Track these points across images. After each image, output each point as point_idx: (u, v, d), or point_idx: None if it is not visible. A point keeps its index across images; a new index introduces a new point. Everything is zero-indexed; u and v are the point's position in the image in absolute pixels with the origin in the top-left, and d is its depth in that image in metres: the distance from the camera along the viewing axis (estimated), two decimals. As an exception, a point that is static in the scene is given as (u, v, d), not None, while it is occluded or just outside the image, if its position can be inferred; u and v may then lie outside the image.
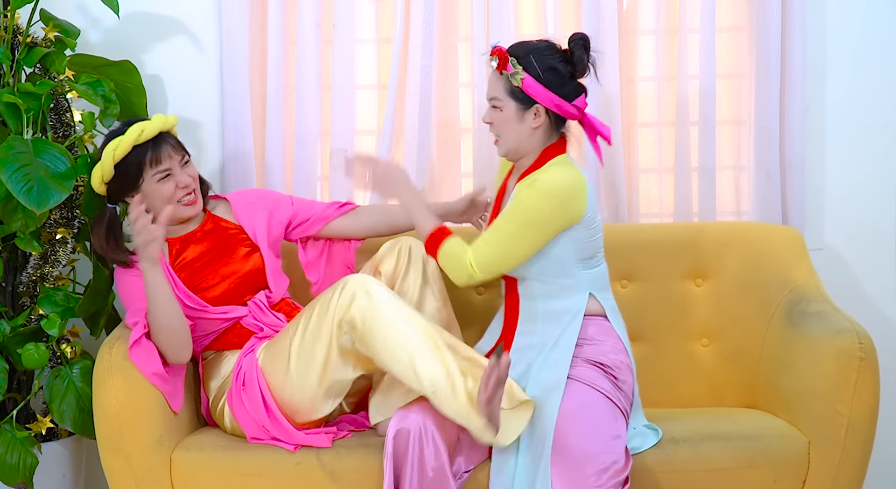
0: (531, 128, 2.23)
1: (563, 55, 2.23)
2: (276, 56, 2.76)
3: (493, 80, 2.25)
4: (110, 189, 2.37)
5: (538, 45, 2.24)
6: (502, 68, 2.22)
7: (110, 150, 2.31)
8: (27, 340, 2.45)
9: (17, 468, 2.40)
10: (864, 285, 2.77)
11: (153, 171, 2.33)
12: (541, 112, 2.22)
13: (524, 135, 2.24)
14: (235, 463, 2.23)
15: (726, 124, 2.81)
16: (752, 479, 2.17)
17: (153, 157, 2.32)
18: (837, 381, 2.17)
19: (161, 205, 2.33)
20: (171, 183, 2.34)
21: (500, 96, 2.24)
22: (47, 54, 2.53)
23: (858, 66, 2.77)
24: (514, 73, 2.20)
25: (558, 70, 2.21)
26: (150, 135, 2.33)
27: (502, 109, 2.24)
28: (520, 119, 2.23)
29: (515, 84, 2.20)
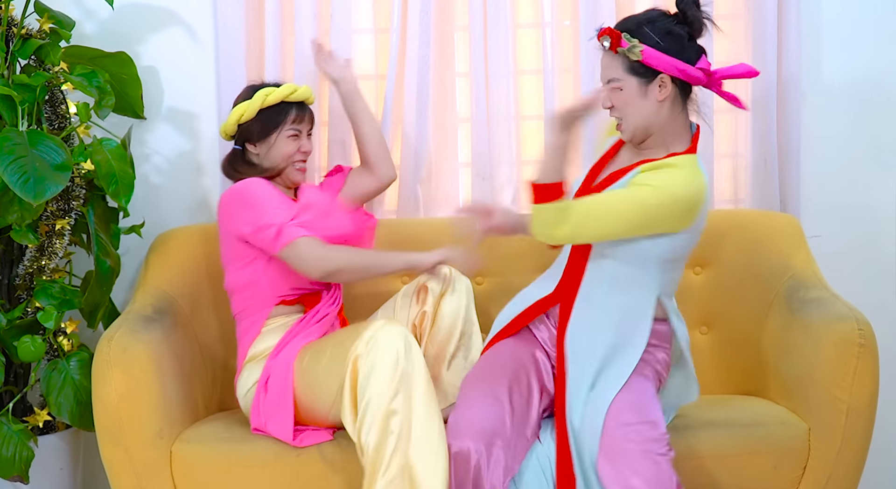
0: (657, 101, 2.12)
1: (676, 18, 2.12)
2: (272, 46, 2.75)
3: (607, 61, 2.14)
4: (242, 130, 2.45)
5: (648, 14, 2.14)
6: (616, 46, 2.10)
7: (262, 94, 2.43)
8: (24, 333, 2.44)
9: (13, 461, 2.39)
10: (863, 272, 2.78)
11: (289, 126, 2.43)
12: (666, 81, 2.11)
13: (650, 110, 2.13)
14: (236, 455, 2.22)
15: (723, 112, 2.81)
16: (752, 466, 2.18)
17: (297, 116, 2.45)
18: (837, 368, 2.17)
19: (279, 160, 2.43)
20: (296, 144, 2.45)
21: (618, 76, 2.12)
22: (42, 46, 2.52)
23: (854, 53, 2.78)
24: (631, 47, 2.08)
25: (676, 33, 2.10)
26: (299, 97, 2.46)
27: (623, 89, 2.12)
28: (643, 94, 2.12)
29: (635, 58, 2.09)
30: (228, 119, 2.47)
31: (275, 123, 2.43)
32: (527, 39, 2.82)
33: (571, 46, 2.78)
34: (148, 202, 2.77)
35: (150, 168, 2.82)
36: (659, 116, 2.14)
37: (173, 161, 2.82)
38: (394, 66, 2.73)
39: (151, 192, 2.80)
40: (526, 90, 2.83)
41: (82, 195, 2.52)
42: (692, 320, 2.61)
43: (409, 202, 2.79)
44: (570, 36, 2.78)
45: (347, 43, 2.77)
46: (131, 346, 2.25)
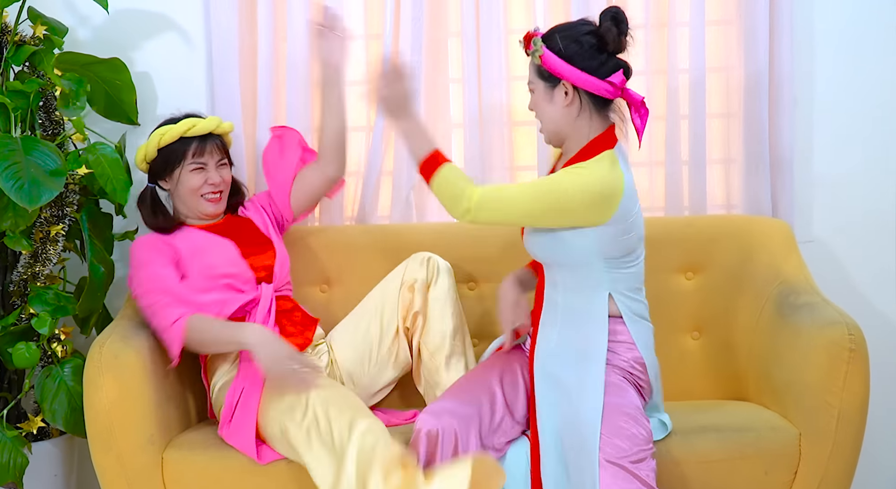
0: (563, 107, 2.14)
1: (592, 28, 2.13)
2: (265, 52, 2.76)
3: (529, 64, 2.20)
4: (151, 169, 2.49)
5: (571, 22, 2.18)
6: (526, 49, 2.16)
7: (158, 135, 2.45)
8: (18, 339, 2.45)
9: (7, 468, 2.40)
10: (854, 277, 2.78)
11: (190, 161, 2.44)
12: (569, 88, 2.13)
13: (557, 115, 2.15)
14: (226, 461, 2.22)
15: (716, 117, 2.81)
16: (743, 471, 2.18)
17: (196, 150, 2.45)
18: (828, 373, 2.17)
19: (187, 194, 2.46)
20: (202, 177, 2.46)
21: (531, 78, 2.19)
22: (35, 52, 2.53)
23: (846, 58, 2.78)
24: (533, 51, 2.13)
25: (581, 42, 2.11)
26: (199, 132, 2.46)
27: (534, 91, 2.18)
28: (549, 98, 2.16)
29: (535, 61, 2.14)
30: (136, 161, 2.51)
31: (175, 160, 2.45)
32: (519, 45, 2.82)
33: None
34: (142, 208, 2.78)
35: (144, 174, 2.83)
36: (567, 120, 2.16)
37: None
38: (386, 73, 2.73)
39: (145, 197, 2.80)
40: (518, 96, 2.83)
41: (76, 201, 2.53)
42: (683, 325, 2.62)
43: (402, 208, 2.80)
44: (562, 41, 2.78)
45: (340, 49, 2.77)
46: (123, 353, 2.25)
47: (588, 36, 2.12)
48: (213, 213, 2.49)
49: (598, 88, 2.12)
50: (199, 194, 2.46)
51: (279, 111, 2.81)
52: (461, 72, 2.79)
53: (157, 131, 2.46)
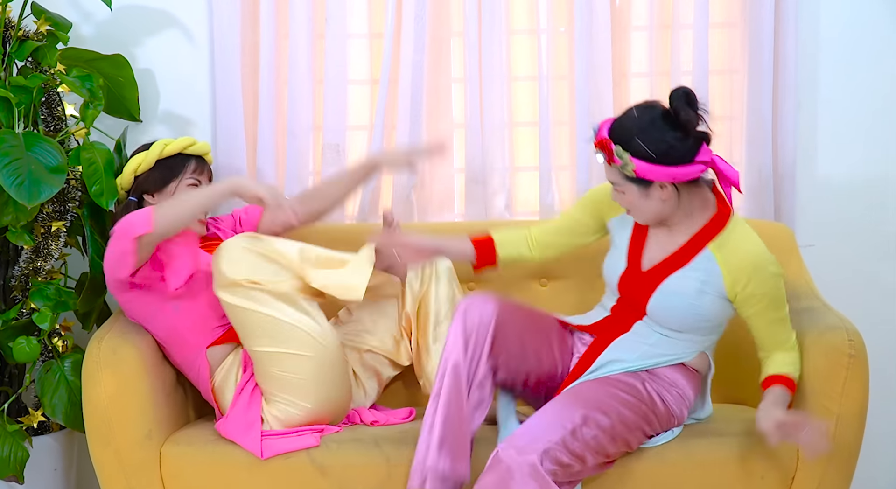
0: (661, 201, 2.11)
1: (668, 121, 2.05)
2: (267, 50, 2.76)
3: (607, 167, 2.11)
4: (140, 182, 2.44)
5: (639, 121, 2.05)
6: (610, 162, 2.08)
7: (160, 144, 2.43)
8: (19, 334, 2.45)
9: (7, 461, 2.41)
10: (855, 282, 2.77)
11: (191, 175, 2.43)
12: (666, 185, 2.08)
13: (657, 208, 2.12)
14: (225, 457, 2.22)
15: (718, 121, 2.79)
16: (739, 475, 2.17)
17: (197, 167, 2.45)
18: (827, 378, 2.16)
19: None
20: None
21: (618, 182, 2.11)
22: (39, 48, 2.53)
23: (851, 62, 2.77)
24: (623, 165, 2.05)
25: (668, 141, 2.03)
26: (197, 151, 2.48)
27: (625, 193, 2.11)
28: (645, 197, 2.10)
29: (628, 174, 2.06)
30: (124, 170, 2.44)
31: (174, 173, 2.42)
32: (521, 46, 2.83)
33: (566, 53, 2.78)
34: (143, 204, 2.78)
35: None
36: (668, 208, 2.14)
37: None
38: (387, 71, 2.74)
39: (147, 194, 2.81)
40: (520, 96, 2.83)
41: (78, 197, 2.54)
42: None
43: (403, 207, 2.80)
44: (566, 43, 2.78)
45: (342, 47, 2.77)
46: (121, 348, 2.26)
47: (671, 131, 2.04)
48: (199, 233, 2.45)
49: (692, 174, 2.08)
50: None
51: (281, 109, 2.81)
52: (463, 71, 2.79)
53: (159, 142, 2.44)
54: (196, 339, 2.34)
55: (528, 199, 2.87)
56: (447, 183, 2.83)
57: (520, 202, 2.86)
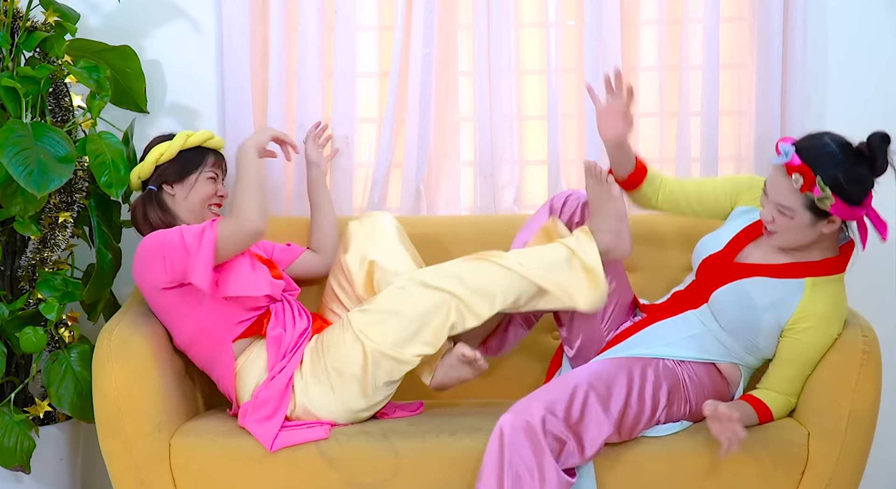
0: (822, 232, 2.15)
1: (863, 160, 2.08)
2: (276, 42, 2.75)
3: (788, 190, 2.10)
4: (160, 172, 2.45)
5: (840, 155, 2.07)
6: (807, 190, 2.08)
7: (184, 135, 2.47)
8: (25, 324, 2.45)
9: (14, 451, 2.40)
10: (868, 278, 2.76)
11: (210, 168, 2.47)
12: (836, 220, 2.13)
13: (812, 238, 2.17)
14: (234, 449, 2.22)
15: (728, 115, 2.81)
16: (750, 469, 2.17)
17: (216, 160, 2.50)
18: (840, 374, 2.17)
19: (197, 201, 2.45)
20: (214, 187, 2.48)
21: (793, 206, 2.11)
22: (47, 39, 2.52)
23: (859, 56, 2.77)
24: (822, 198, 2.07)
25: (864, 182, 2.08)
26: (215, 146, 2.52)
27: (793, 218, 2.13)
28: (812, 226, 2.14)
29: (823, 207, 2.08)
30: (145, 160, 2.47)
31: (196, 164, 2.46)
32: (530, 39, 2.82)
33: (575, 47, 2.78)
34: (151, 196, 2.77)
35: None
36: (816, 239, 2.19)
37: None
38: (397, 64, 2.73)
39: (154, 185, 2.80)
40: (529, 90, 2.83)
41: (85, 188, 2.53)
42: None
43: (412, 200, 2.80)
44: (574, 36, 2.78)
45: (351, 40, 2.77)
46: (131, 339, 2.26)
47: (867, 172, 2.08)
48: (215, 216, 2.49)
49: (859, 218, 2.14)
50: (208, 204, 2.47)
51: (290, 102, 2.81)
52: (471, 65, 2.79)
53: (182, 133, 2.48)
54: (222, 334, 2.33)
55: (536, 192, 2.86)
56: (455, 176, 2.83)
57: (528, 196, 2.86)
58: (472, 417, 2.32)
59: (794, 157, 2.10)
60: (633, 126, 2.33)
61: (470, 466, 2.18)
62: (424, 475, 2.19)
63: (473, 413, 2.39)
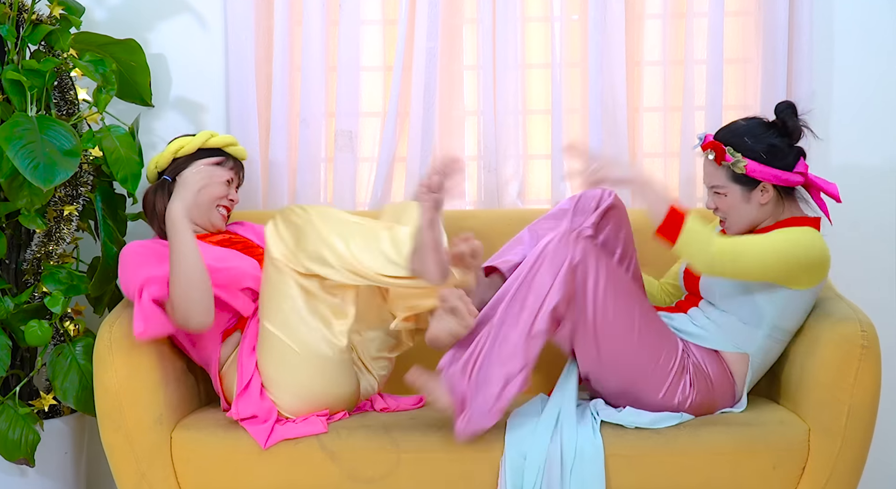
0: (759, 205, 2.26)
1: (775, 128, 2.24)
2: (281, 36, 2.75)
3: (711, 169, 2.27)
4: (176, 163, 2.47)
5: (747, 125, 2.26)
6: (720, 159, 2.23)
7: (205, 135, 2.49)
8: (30, 317, 2.46)
9: (18, 444, 2.42)
10: (868, 272, 2.76)
11: (226, 171, 2.47)
12: (768, 187, 2.24)
13: (754, 213, 2.27)
14: (235, 442, 2.23)
15: (732, 109, 2.79)
16: (751, 465, 2.17)
17: (234, 164, 2.51)
18: (839, 369, 2.16)
19: (207, 200, 2.45)
20: (225, 189, 2.48)
21: (721, 183, 2.26)
22: (52, 32, 2.53)
23: (865, 51, 2.76)
24: (735, 162, 2.22)
25: (777, 145, 2.23)
26: (235, 153, 2.52)
27: (727, 195, 2.26)
28: (747, 200, 2.26)
29: (739, 171, 2.22)
30: (164, 151, 2.48)
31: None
32: (535, 33, 2.82)
33: (580, 41, 2.77)
34: (155, 189, 2.78)
35: (157, 156, 2.84)
36: (762, 214, 2.28)
37: (180, 149, 2.83)
38: (401, 58, 2.73)
39: (159, 179, 2.81)
40: (533, 84, 2.82)
41: (90, 181, 2.54)
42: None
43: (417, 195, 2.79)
44: (579, 30, 2.77)
45: (355, 33, 2.77)
46: (133, 333, 2.26)
47: (779, 138, 2.23)
48: (220, 227, 2.51)
49: (791, 181, 2.24)
50: (217, 204, 2.47)
51: (294, 95, 2.81)
52: (476, 59, 2.78)
53: (202, 133, 2.49)
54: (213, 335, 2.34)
55: (540, 187, 2.86)
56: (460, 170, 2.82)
57: (532, 190, 2.85)
58: (473, 412, 2.33)
59: (706, 137, 2.28)
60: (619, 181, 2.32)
61: (471, 460, 2.18)
62: (425, 469, 2.19)
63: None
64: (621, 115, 2.74)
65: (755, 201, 2.26)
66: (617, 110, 2.74)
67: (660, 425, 2.20)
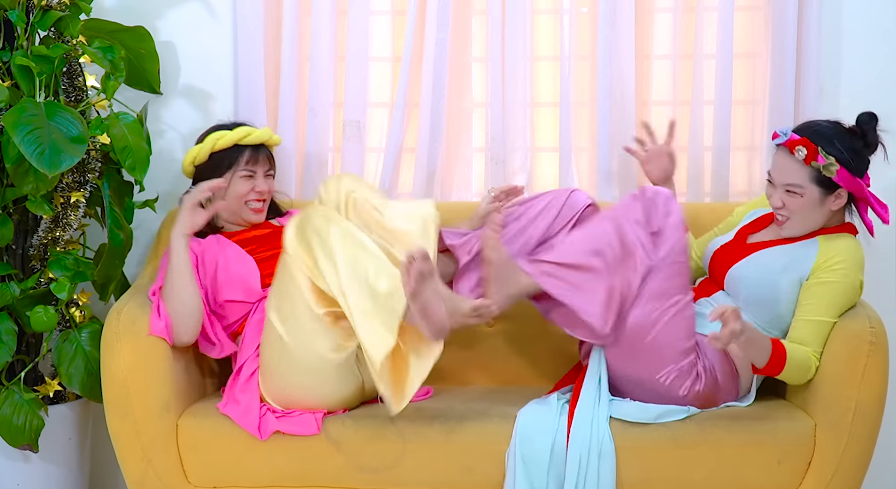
0: (831, 209, 2.26)
1: (856, 135, 2.24)
2: (290, 26, 2.75)
3: (794, 168, 2.23)
4: (199, 171, 2.49)
5: (835, 129, 2.24)
6: (811, 160, 2.21)
7: (213, 139, 2.46)
8: (36, 303, 2.46)
9: (23, 430, 2.42)
10: (877, 269, 2.75)
11: (242, 168, 2.46)
12: (843, 194, 2.24)
13: (823, 217, 2.26)
14: (241, 430, 2.23)
15: (741, 104, 2.79)
16: (756, 459, 2.17)
17: (249, 158, 2.47)
18: (847, 365, 2.16)
19: (233, 199, 2.46)
20: (250, 184, 2.47)
21: (801, 183, 2.23)
22: (61, 18, 2.52)
23: (874, 47, 2.75)
24: (827, 165, 2.20)
25: (862, 155, 2.23)
26: (253, 141, 2.49)
27: (803, 196, 2.23)
28: (822, 203, 2.24)
29: (829, 175, 2.20)
30: (184, 161, 2.51)
31: (226, 165, 2.46)
32: (544, 26, 2.81)
33: (589, 33, 2.77)
34: (162, 177, 2.78)
35: (164, 143, 2.83)
36: (825, 220, 2.28)
37: (188, 137, 2.83)
38: (410, 49, 2.73)
39: (166, 167, 2.81)
40: (542, 76, 2.82)
41: (98, 168, 2.54)
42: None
43: (424, 185, 2.79)
44: (588, 23, 2.77)
45: (364, 24, 2.76)
46: (140, 319, 2.27)
47: (863, 147, 2.24)
48: (255, 222, 2.50)
49: (864, 193, 2.25)
50: (245, 201, 2.47)
51: (303, 85, 2.81)
52: (485, 50, 2.78)
53: (212, 135, 2.47)
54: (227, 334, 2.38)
55: (547, 179, 2.86)
56: (467, 162, 2.83)
57: (539, 182, 2.85)
58: (480, 403, 2.33)
59: (792, 134, 2.24)
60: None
61: (476, 453, 2.19)
62: (430, 460, 2.20)
63: (482, 399, 2.39)
64: (630, 109, 2.73)
65: (827, 207, 2.25)
66: (626, 104, 2.73)
67: (666, 419, 2.20)
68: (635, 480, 2.17)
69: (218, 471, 2.25)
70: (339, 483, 2.22)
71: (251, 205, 2.48)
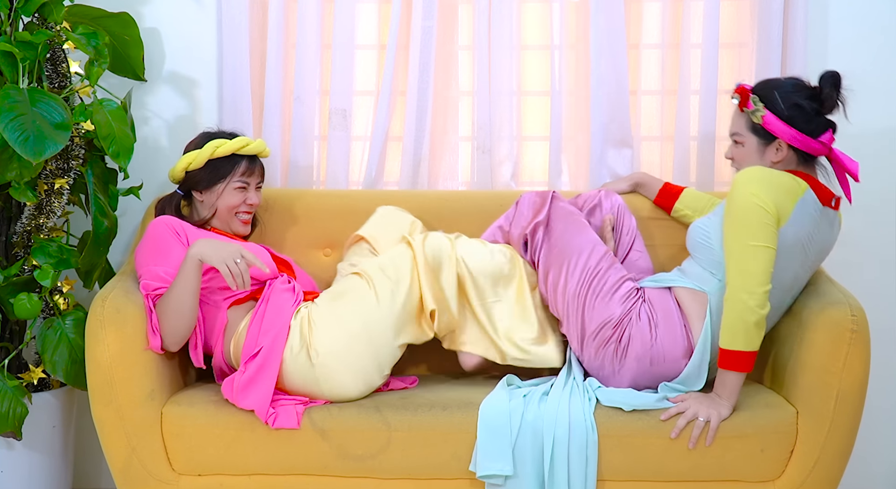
0: (771, 161, 2.27)
1: (810, 92, 2.25)
2: (276, 12, 2.74)
3: (736, 116, 2.31)
4: (189, 177, 2.47)
5: (783, 82, 2.27)
6: (743, 106, 2.27)
7: (213, 146, 2.45)
8: (20, 290, 2.45)
9: (6, 417, 2.41)
10: (858, 257, 2.78)
11: (238, 178, 2.45)
12: (783, 147, 2.26)
13: (765, 166, 2.26)
14: (226, 418, 2.23)
15: (727, 94, 2.80)
16: (739, 448, 2.18)
17: (247, 169, 2.47)
18: (828, 353, 2.17)
19: (224, 209, 2.46)
20: (242, 196, 2.48)
21: (741, 132, 2.30)
22: (45, 4, 2.50)
23: (860, 36, 2.76)
24: (754, 111, 2.25)
25: (803, 107, 2.23)
26: (251, 151, 2.49)
27: (744, 144, 2.30)
28: (761, 153, 2.28)
29: (756, 121, 2.25)
30: (177, 165, 2.48)
31: (222, 174, 2.46)
32: (532, 14, 2.81)
33: (579, 22, 2.76)
34: (146, 164, 2.77)
35: (149, 130, 2.82)
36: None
37: (173, 124, 2.82)
38: (395, 36, 2.72)
39: (150, 154, 2.80)
40: (529, 65, 2.82)
41: (82, 155, 2.52)
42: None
43: (410, 174, 2.79)
44: (578, 11, 2.77)
45: (351, 11, 2.75)
46: (125, 307, 2.26)
47: (809, 100, 2.23)
48: (241, 233, 2.51)
49: (810, 148, 2.25)
50: (235, 212, 2.47)
51: (288, 73, 2.80)
52: (471, 39, 2.77)
53: (212, 143, 2.46)
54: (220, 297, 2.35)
55: (534, 169, 2.86)
56: (453, 150, 2.82)
57: (526, 172, 2.85)
58: (465, 392, 2.33)
59: (741, 84, 2.31)
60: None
61: (461, 441, 2.19)
62: (416, 448, 2.20)
63: (467, 388, 2.39)
64: (623, 99, 2.73)
65: (768, 158, 2.27)
66: (619, 93, 2.73)
67: (650, 407, 2.20)
68: (618, 469, 2.18)
69: (202, 459, 2.24)
70: (324, 471, 2.23)
71: (241, 217, 2.49)
